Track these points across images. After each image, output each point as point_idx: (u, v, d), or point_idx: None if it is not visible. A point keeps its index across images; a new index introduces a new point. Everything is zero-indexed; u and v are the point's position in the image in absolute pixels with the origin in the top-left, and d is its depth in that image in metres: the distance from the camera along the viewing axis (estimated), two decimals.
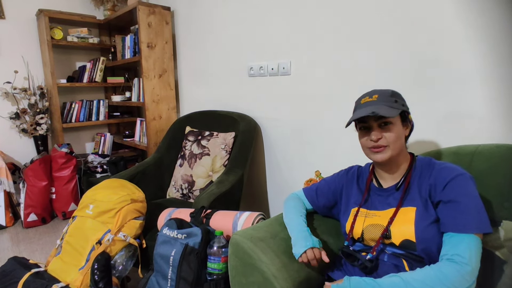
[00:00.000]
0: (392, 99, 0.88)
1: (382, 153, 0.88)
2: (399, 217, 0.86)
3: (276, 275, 0.88)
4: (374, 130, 0.88)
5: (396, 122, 0.88)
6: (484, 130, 1.12)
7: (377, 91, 0.92)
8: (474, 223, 0.76)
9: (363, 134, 0.92)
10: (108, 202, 1.37)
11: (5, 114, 2.67)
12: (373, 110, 0.84)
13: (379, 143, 0.87)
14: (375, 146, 0.88)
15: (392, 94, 0.90)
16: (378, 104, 0.87)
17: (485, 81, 1.10)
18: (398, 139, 0.87)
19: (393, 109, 0.85)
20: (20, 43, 2.69)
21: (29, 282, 1.22)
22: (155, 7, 2.37)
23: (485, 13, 1.07)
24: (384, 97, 0.88)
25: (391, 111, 0.84)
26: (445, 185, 0.81)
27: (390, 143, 0.87)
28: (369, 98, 0.90)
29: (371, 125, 0.89)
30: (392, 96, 0.89)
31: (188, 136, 1.98)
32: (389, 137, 0.86)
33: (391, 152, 0.87)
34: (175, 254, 1.08)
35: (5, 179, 2.34)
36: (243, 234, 0.99)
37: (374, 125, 0.88)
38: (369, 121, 0.88)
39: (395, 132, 0.87)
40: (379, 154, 0.88)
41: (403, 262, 0.85)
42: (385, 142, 0.87)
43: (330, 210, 1.11)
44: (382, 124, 0.87)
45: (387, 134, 0.87)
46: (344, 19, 1.45)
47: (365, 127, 0.91)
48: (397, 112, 0.85)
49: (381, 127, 0.88)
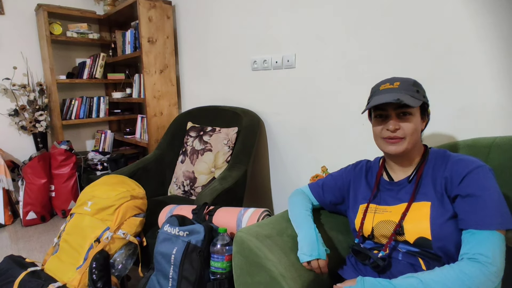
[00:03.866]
0: (414, 89, 0.82)
1: (397, 145, 0.82)
2: (412, 213, 0.81)
3: (284, 274, 0.83)
4: (393, 119, 0.82)
5: (416, 113, 0.82)
6: (500, 122, 1.07)
7: (398, 78, 0.86)
8: (497, 219, 0.70)
9: (378, 123, 0.86)
10: (107, 198, 1.33)
11: (4, 111, 2.63)
12: (398, 97, 0.78)
13: (397, 134, 0.81)
14: (391, 137, 0.82)
15: (414, 83, 0.84)
16: (400, 92, 0.81)
17: (499, 72, 1.04)
18: (415, 131, 0.82)
19: (415, 99, 0.80)
20: (19, 39, 2.65)
21: (25, 281, 1.18)
22: (156, 1, 2.32)
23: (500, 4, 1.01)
24: (406, 85, 0.83)
25: (414, 101, 0.79)
26: (463, 178, 0.75)
27: (407, 135, 0.81)
28: (390, 85, 0.84)
29: (389, 114, 0.83)
30: (414, 85, 0.83)
31: (190, 132, 1.93)
32: (408, 128, 0.81)
33: (407, 145, 0.82)
34: (177, 252, 1.03)
35: (4, 176, 2.30)
36: (248, 231, 0.94)
37: (393, 114, 0.82)
38: (389, 109, 0.82)
39: (414, 124, 0.81)
40: (394, 146, 0.83)
41: (419, 261, 0.79)
42: (402, 134, 0.81)
43: (337, 206, 1.06)
44: (401, 114, 0.82)
45: (406, 125, 0.81)
46: (351, 8, 1.39)
47: (382, 115, 0.85)
48: (419, 102, 0.79)
49: (400, 117, 0.82)
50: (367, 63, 1.37)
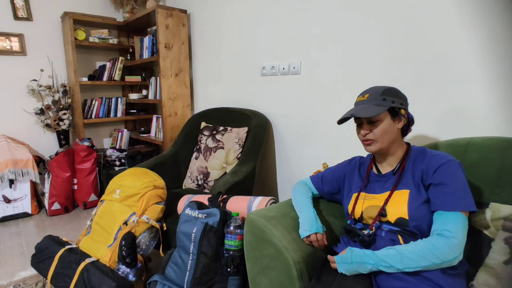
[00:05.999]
0: (381, 98, 0.98)
1: (371, 146, 1.01)
2: (394, 199, 0.98)
3: (287, 247, 1.00)
4: (364, 126, 1.01)
5: (383, 118, 0.98)
6: (480, 124, 1.23)
7: (370, 89, 1.02)
8: (461, 203, 0.87)
9: (357, 129, 1.05)
10: (133, 187, 1.51)
11: (31, 110, 2.85)
12: (355, 113, 0.97)
13: (367, 137, 1.00)
14: (365, 140, 1.01)
15: (383, 92, 0.99)
16: (367, 104, 0.99)
17: (481, 79, 1.20)
18: (385, 133, 0.99)
19: (379, 107, 0.96)
20: (46, 43, 2.87)
21: (64, 256, 1.37)
22: (172, 10, 2.52)
23: (484, 15, 1.17)
24: (374, 96, 0.99)
25: (372, 111, 0.95)
26: (435, 170, 0.92)
27: (377, 137, 0.99)
28: (362, 97, 1.02)
29: (362, 122, 1.02)
30: (382, 94, 0.98)
31: (204, 131, 2.12)
32: (376, 131, 0.99)
33: (380, 145, 1.00)
34: (196, 231, 1.21)
35: (32, 170, 2.51)
36: (258, 213, 1.11)
37: (364, 121, 1.01)
38: (361, 118, 1.01)
39: (382, 127, 0.98)
40: (368, 147, 1.02)
41: (399, 238, 0.96)
42: (372, 136, 0.99)
43: (334, 195, 1.23)
44: (370, 121, 0.99)
45: (375, 129, 0.99)
46: (351, 23, 1.56)
47: (358, 123, 1.04)
48: (382, 109, 0.95)
49: (370, 123, 1.00)
50: (365, 70, 1.54)
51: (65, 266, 1.33)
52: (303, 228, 1.04)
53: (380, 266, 0.87)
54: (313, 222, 1.04)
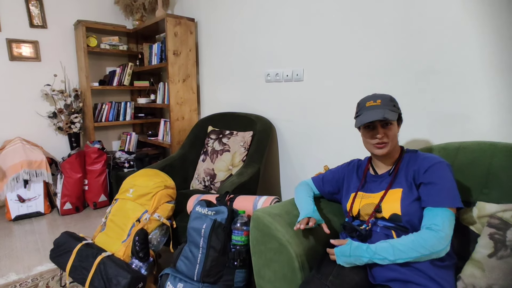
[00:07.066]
0: (391, 104, 1.08)
1: (384, 149, 1.08)
2: (388, 197, 1.07)
3: (290, 241, 1.09)
4: (379, 129, 1.08)
5: (394, 123, 1.09)
6: (470, 130, 1.32)
7: (378, 95, 1.11)
8: (448, 200, 0.96)
9: (368, 132, 1.11)
10: (146, 187, 1.61)
11: (44, 113, 2.97)
12: (383, 115, 1.03)
13: (383, 140, 1.07)
14: (379, 143, 1.08)
15: (391, 99, 1.10)
16: (383, 108, 1.06)
17: (471, 88, 1.30)
18: (395, 136, 1.09)
19: (394, 113, 1.05)
20: (59, 50, 3.00)
21: (81, 250, 1.47)
22: (181, 18, 2.64)
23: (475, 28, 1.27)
24: (386, 102, 1.08)
25: (393, 115, 1.04)
26: (426, 170, 1.01)
27: (390, 140, 1.07)
28: (374, 102, 1.10)
29: (375, 125, 1.09)
30: (391, 101, 1.09)
31: (211, 134, 2.22)
32: (390, 135, 1.07)
33: (390, 147, 1.08)
34: (206, 227, 1.30)
35: (45, 171, 2.62)
36: (263, 210, 1.21)
37: (379, 125, 1.08)
38: (376, 122, 1.08)
39: (394, 131, 1.08)
40: (381, 150, 1.08)
41: (392, 233, 1.05)
42: (386, 140, 1.07)
43: (334, 195, 1.32)
44: (384, 125, 1.08)
45: (389, 133, 1.07)
46: (351, 34, 1.66)
47: (370, 127, 1.10)
48: (397, 115, 1.05)
49: (384, 127, 1.08)
50: (365, 77, 1.64)
51: (82, 260, 1.43)
52: (300, 217, 1.13)
53: (374, 259, 0.96)
54: (310, 211, 1.13)
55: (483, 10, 1.23)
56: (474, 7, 1.25)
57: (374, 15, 1.55)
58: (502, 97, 1.23)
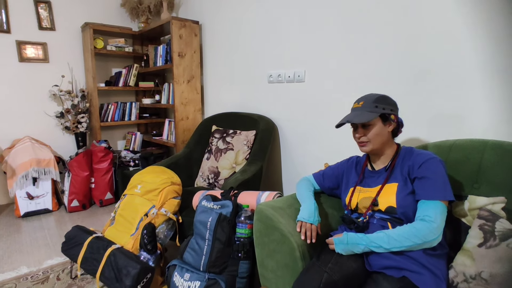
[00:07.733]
0: (373, 105, 1.14)
1: (365, 147, 1.17)
2: (385, 191, 1.13)
3: (292, 232, 1.16)
4: (358, 130, 1.17)
5: (375, 123, 1.14)
6: (463, 128, 1.38)
7: (364, 97, 1.19)
8: (440, 193, 1.02)
9: (353, 131, 1.21)
10: (153, 183, 1.68)
11: (52, 113, 3.05)
12: (351, 119, 1.13)
13: (361, 139, 1.17)
14: (360, 142, 1.18)
15: (375, 100, 1.15)
16: (361, 110, 1.14)
17: (466, 89, 1.36)
18: (377, 135, 1.15)
19: (371, 114, 1.12)
20: (67, 51, 3.08)
21: (92, 243, 1.53)
22: (185, 21, 2.71)
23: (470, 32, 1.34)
24: (367, 103, 1.15)
25: (366, 117, 1.11)
26: (420, 165, 1.07)
27: (370, 139, 1.15)
28: (357, 104, 1.18)
29: (357, 126, 1.18)
30: (374, 102, 1.15)
31: (215, 133, 2.29)
32: (369, 135, 1.15)
33: (372, 146, 1.16)
34: (212, 220, 1.37)
35: (53, 169, 2.69)
36: (266, 204, 1.27)
37: (359, 125, 1.17)
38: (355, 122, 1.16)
39: (374, 131, 1.14)
40: (363, 147, 1.18)
41: (388, 224, 1.11)
42: (365, 139, 1.16)
43: (333, 190, 1.39)
44: (364, 125, 1.15)
45: (368, 133, 1.15)
46: (350, 37, 1.73)
47: (354, 127, 1.20)
48: (374, 115, 1.11)
49: (363, 127, 1.16)
50: (363, 79, 1.71)
51: (93, 252, 1.50)
52: (302, 215, 1.19)
53: (370, 247, 1.02)
54: (312, 213, 1.20)
55: (478, 13, 1.29)
56: (468, 11, 1.31)
57: (372, 19, 1.62)
58: (496, 97, 1.29)
